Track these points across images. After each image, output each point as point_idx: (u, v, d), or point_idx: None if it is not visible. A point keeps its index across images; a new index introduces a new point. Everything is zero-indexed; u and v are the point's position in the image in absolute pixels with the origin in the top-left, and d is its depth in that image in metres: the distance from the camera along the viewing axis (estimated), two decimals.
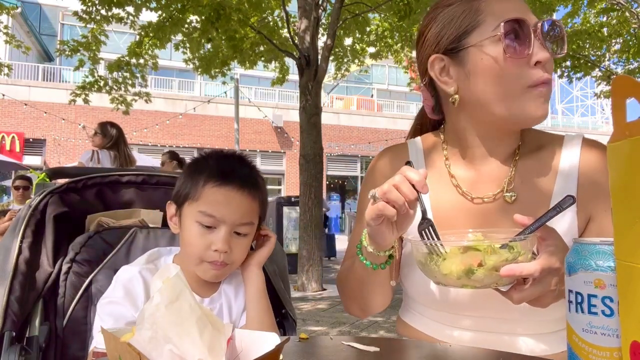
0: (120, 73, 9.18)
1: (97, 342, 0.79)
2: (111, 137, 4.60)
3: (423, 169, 0.85)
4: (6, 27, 9.59)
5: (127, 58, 9.04)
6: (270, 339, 0.60)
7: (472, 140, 1.04)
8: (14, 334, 1.05)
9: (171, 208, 1.12)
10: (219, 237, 1.02)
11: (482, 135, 1.03)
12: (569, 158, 1.00)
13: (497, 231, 0.90)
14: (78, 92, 9.26)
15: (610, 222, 0.53)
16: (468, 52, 0.96)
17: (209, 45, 8.76)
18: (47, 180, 1.46)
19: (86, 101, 9.30)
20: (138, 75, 9.41)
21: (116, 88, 9.38)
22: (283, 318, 1.27)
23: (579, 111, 41.37)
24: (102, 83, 9.22)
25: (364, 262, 0.96)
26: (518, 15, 0.94)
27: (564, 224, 0.96)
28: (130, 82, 9.38)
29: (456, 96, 0.99)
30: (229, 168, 1.07)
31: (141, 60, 9.16)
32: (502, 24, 0.93)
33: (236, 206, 1.04)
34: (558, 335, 0.97)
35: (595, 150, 0.99)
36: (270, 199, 13.23)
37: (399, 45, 9.93)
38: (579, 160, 0.99)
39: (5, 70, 9.93)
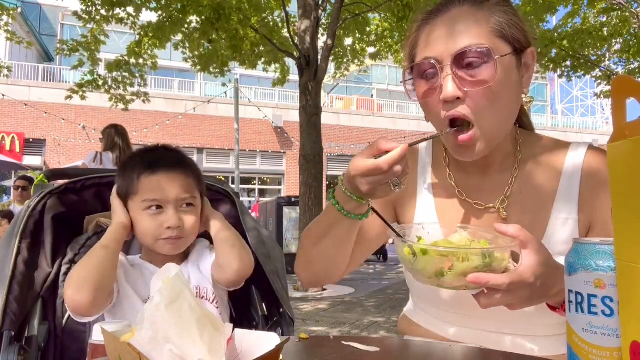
0: (119, 73, 9.17)
1: (94, 335, 0.79)
2: (111, 139, 4.63)
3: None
4: (7, 24, 9.54)
5: (126, 58, 9.03)
6: (270, 339, 0.60)
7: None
8: (13, 333, 1.05)
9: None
10: (169, 215, 1.13)
11: None
12: (573, 160, 0.99)
13: (486, 230, 0.88)
14: (76, 89, 9.23)
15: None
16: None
17: (208, 45, 8.76)
18: (46, 181, 1.46)
19: (83, 98, 9.27)
20: (137, 75, 9.40)
21: (115, 87, 9.36)
22: (281, 317, 1.27)
23: (579, 111, 41.34)
24: (100, 82, 9.20)
25: (336, 206, 0.90)
26: (427, 54, 0.91)
27: (566, 231, 0.95)
28: (128, 81, 9.37)
29: None
30: (155, 157, 1.19)
31: (140, 60, 9.15)
32: (409, 69, 0.95)
33: (172, 186, 1.14)
34: (559, 339, 0.97)
35: (600, 156, 0.99)
36: (270, 199, 13.22)
37: (399, 45, 9.93)
38: (583, 162, 0.98)
39: (5, 71, 9.91)
